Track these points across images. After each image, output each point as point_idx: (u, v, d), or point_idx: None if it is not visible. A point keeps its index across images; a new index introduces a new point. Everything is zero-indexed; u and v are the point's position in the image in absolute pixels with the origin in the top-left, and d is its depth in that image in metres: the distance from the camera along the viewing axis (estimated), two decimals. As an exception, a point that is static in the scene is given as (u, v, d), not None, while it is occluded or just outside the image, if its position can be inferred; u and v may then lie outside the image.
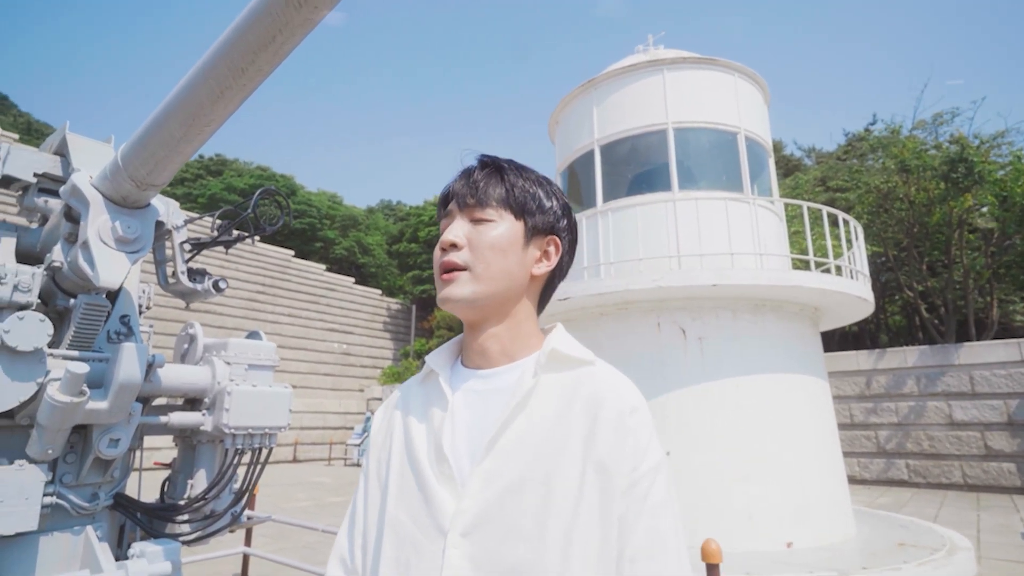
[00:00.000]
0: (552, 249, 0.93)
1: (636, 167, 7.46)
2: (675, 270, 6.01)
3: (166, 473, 2.88)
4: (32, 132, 38.56)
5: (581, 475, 0.76)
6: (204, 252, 2.96)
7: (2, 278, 2.02)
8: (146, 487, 2.85)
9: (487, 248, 0.86)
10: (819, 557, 5.28)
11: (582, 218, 7.06)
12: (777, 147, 24.62)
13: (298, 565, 4.73)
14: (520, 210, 0.89)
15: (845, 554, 5.48)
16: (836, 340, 16.40)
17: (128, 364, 2.03)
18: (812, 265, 6.35)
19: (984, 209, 14.09)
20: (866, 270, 6.85)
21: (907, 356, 12.48)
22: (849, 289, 6.16)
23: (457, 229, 0.88)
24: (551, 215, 0.92)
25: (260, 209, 2.87)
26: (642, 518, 0.76)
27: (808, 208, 6.97)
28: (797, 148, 26.44)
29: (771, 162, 7.76)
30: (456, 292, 0.86)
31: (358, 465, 18.09)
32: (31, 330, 1.89)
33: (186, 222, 2.85)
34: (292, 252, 29.81)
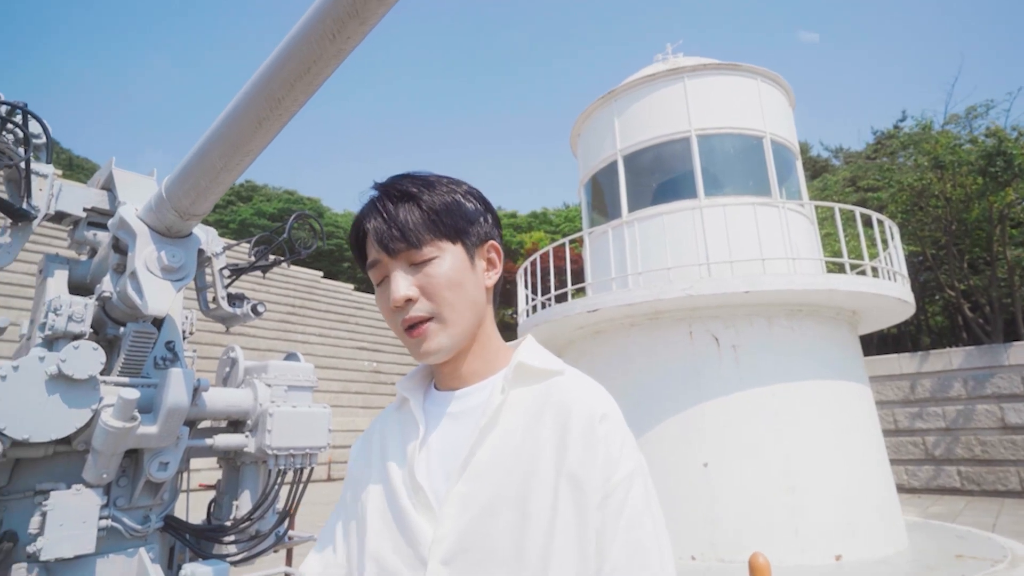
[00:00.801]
0: (494, 255, 0.89)
1: (660, 176, 7.42)
2: (705, 278, 5.93)
3: (210, 494, 2.94)
4: (73, 167, 40.30)
5: (554, 490, 0.73)
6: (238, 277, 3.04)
7: (57, 309, 2.11)
8: (192, 508, 2.91)
9: (444, 290, 0.81)
10: (872, 571, 5.08)
11: (607, 229, 7.04)
12: (803, 149, 24.22)
13: None
14: (454, 233, 0.84)
15: (900, 567, 5.26)
16: (875, 343, 15.91)
17: (176, 389, 2.10)
18: (847, 268, 6.19)
19: (1028, 202, 13.59)
20: (904, 270, 6.65)
21: (952, 358, 12.02)
22: (887, 291, 5.98)
23: (402, 282, 0.81)
24: (479, 221, 0.88)
25: (294, 233, 2.95)
26: (619, 530, 0.72)
27: (840, 210, 6.82)
28: (824, 149, 26.01)
29: (799, 165, 7.64)
30: (433, 346, 0.81)
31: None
32: (86, 359, 1.96)
33: (224, 249, 2.94)
34: (321, 273, 30.38)
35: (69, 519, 1.97)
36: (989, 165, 12.38)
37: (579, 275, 8.87)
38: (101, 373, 2.06)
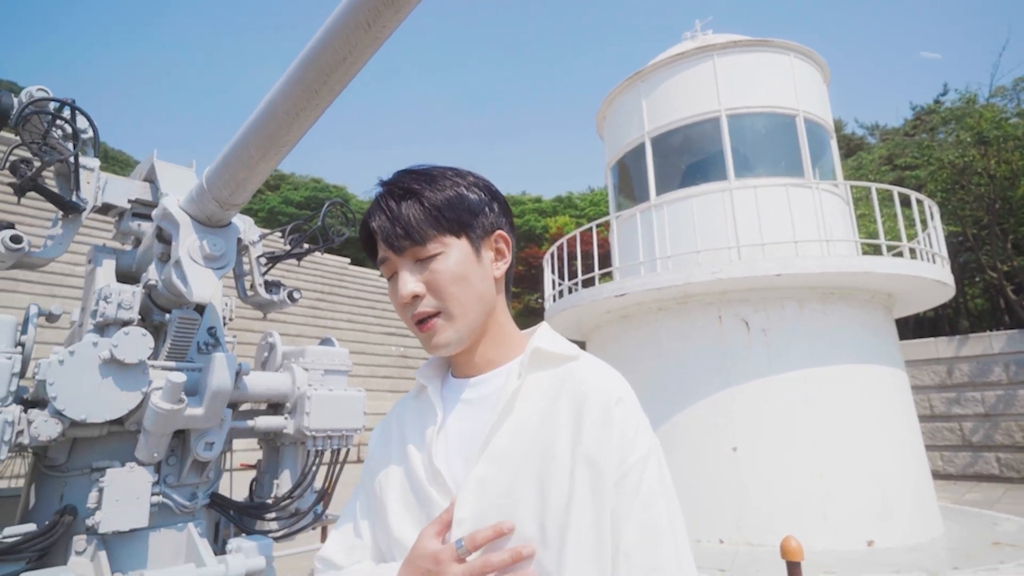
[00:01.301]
0: (502, 245, 0.90)
1: (689, 157, 7.29)
2: (735, 261, 5.84)
3: (251, 474, 3.06)
4: (108, 160, 41.44)
5: (571, 472, 0.75)
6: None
7: (107, 297, 2.21)
8: (234, 486, 3.03)
9: (449, 285, 0.83)
10: (905, 557, 5.02)
11: (635, 212, 6.97)
12: (837, 126, 23.42)
13: None
14: (458, 227, 0.85)
15: (934, 554, 5.19)
16: (911, 327, 15.47)
17: (220, 372, 2.18)
18: (883, 249, 6.02)
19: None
20: (944, 252, 6.44)
21: (993, 342, 11.63)
22: (925, 273, 5.81)
23: (408, 279, 0.84)
24: (484, 212, 0.88)
25: (327, 221, 3.01)
26: (634, 511, 0.73)
27: (876, 189, 6.62)
28: (859, 126, 25.13)
29: (833, 143, 7.42)
30: (442, 340, 0.84)
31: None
32: (136, 344, 2.05)
33: (261, 237, 3.03)
34: (348, 260, 30.81)
35: (124, 495, 2.08)
36: (1037, 140, 11.82)
37: (606, 259, 8.83)
38: (149, 358, 2.16)
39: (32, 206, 19.12)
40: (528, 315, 21.85)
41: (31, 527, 1.98)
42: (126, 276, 2.59)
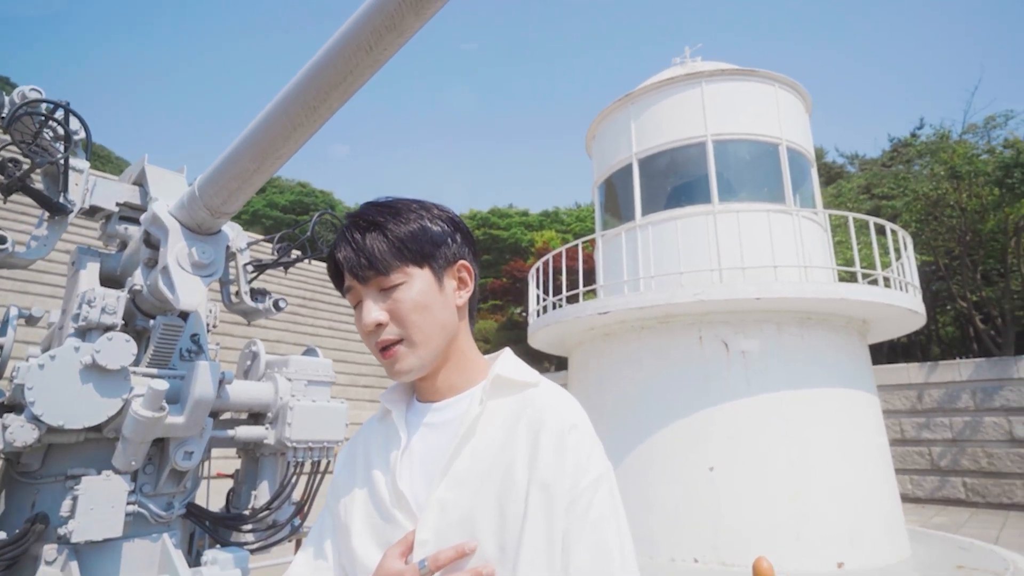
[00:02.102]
0: (464, 274, 0.93)
1: (675, 179, 7.43)
2: (717, 284, 5.95)
3: (226, 483, 3.02)
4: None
5: (526, 497, 0.77)
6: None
7: (91, 301, 2.19)
8: (210, 496, 2.99)
9: (412, 313, 0.85)
10: (873, 579, 5.10)
11: (621, 232, 7.07)
12: (818, 154, 24.05)
13: None
14: (420, 258, 0.88)
15: (901, 576, 5.29)
16: (884, 352, 15.81)
17: (202, 381, 2.17)
18: (859, 277, 6.19)
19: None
20: (916, 281, 6.63)
21: (962, 369, 11.95)
22: (898, 301, 5.98)
23: (372, 307, 0.86)
24: (447, 243, 0.91)
25: (316, 231, 3.02)
26: (584, 533, 0.76)
27: (853, 218, 6.81)
28: (839, 155, 25.78)
29: (814, 172, 7.63)
30: (404, 367, 0.86)
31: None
32: (118, 350, 2.03)
33: (248, 245, 3.02)
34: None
35: (99, 503, 2.04)
36: (1006, 176, 12.27)
37: (590, 275, 8.90)
38: (130, 364, 2.14)
39: (11, 204, 18.56)
40: (511, 328, 21.86)
41: (1, 535, 1.94)
42: (110, 280, 2.56)
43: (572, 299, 7.37)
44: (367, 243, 0.86)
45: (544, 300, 7.78)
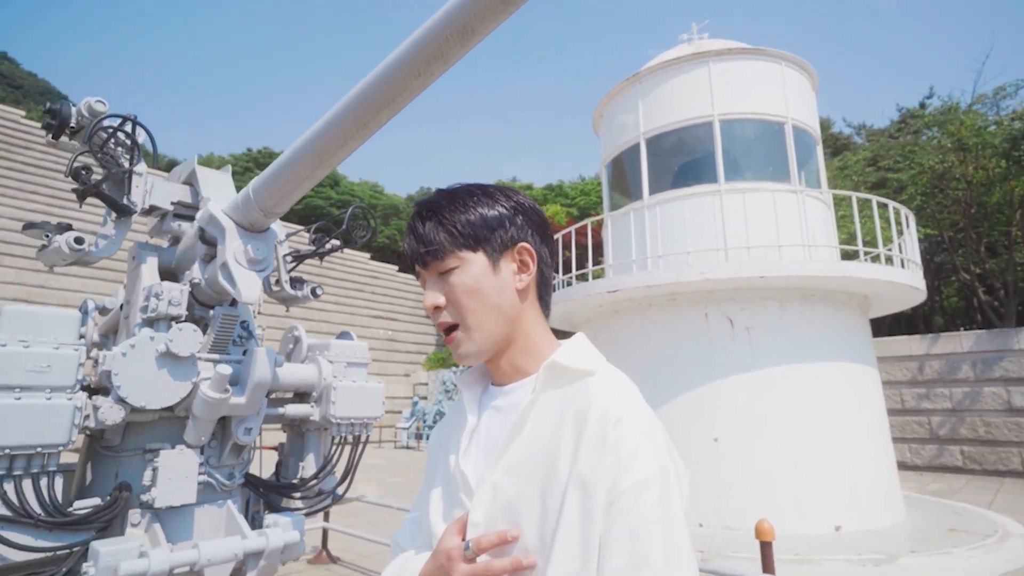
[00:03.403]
0: (526, 257, 0.92)
1: (681, 158, 7.56)
2: (723, 262, 6.15)
3: (270, 455, 3.30)
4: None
5: (564, 492, 0.76)
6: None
7: (159, 294, 2.42)
8: (257, 467, 3.28)
9: (463, 297, 0.88)
10: (868, 541, 5.42)
11: (629, 211, 7.24)
12: (825, 125, 23.83)
13: (368, 536, 5.33)
14: (473, 242, 0.89)
15: (894, 538, 5.61)
16: (888, 323, 16.02)
17: (261, 365, 2.41)
18: (861, 255, 6.37)
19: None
20: (917, 258, 6.81)
21: (962, 341, 12.17)
22: (899, 278, 6.17)
23: (431, 290, 0.91)
24: (504, 226, 0.91)
25: (351, 223, 3.23)
26: (623, 539, 0.71)
27: (852, 195, 6.97)
28: (846, 125, 25.56)
29: (819, 149, 7.73)
30: (463, 352, 0.89)
31: (408, 447, 18.81)
32: (188, 339, 2.27)
33: (287, 236, 3.23)
34: (338, 242, 30.76)
35: (175, 474, 2.31)
36: (1013, 149, 12.28)
37: (597, 249, 9.09)
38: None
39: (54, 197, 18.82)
40: (517, 303, 22.09)
41: (96, 501, 2.21)
42: (165, 272, 2.79)
43: (581, 277, 7.59)
44: (425, 230, 0.91)
45: (553, 278, 8.00)
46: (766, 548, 2.85)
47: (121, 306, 2.80)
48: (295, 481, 2.92)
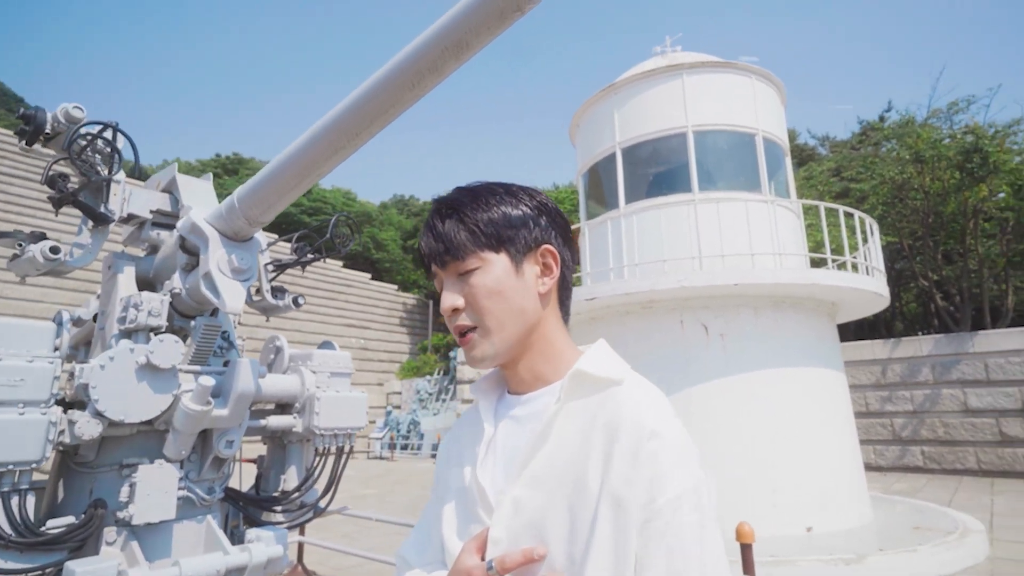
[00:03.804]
0: (549, 259, 0.89)
1: (656, 168, 7.71)
2: (697, 270, 6.28)
3: (249, 467, 3.23)
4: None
5: (596, 508, 0.72)
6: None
7: (138, 305, 2.36)
8: (234, 481, 3.20)
9: (484, 299, 0.84)
10: (838, 541, 5.57)
11: (605, 220, 7.33)
12: (791, 136, 24.54)
13: (344, 549, 5.26)
14: (496, 243, 0.85)
15: (863, 538, 5.78)
16: (852, 328, 16.54)
17: (245, 377, 2.37)
18: (829, 262, 6.58)
19: (1000, 196, 14.15)
20: (881, 266, 7.07)
21: (922, 345, 12.65)
22: (865, 285, 6.40)
23: (450, 292, 0.87)
24: (528, 227, 0.88)
25: (334, 232, 3.20)
26: (659, 558, 0.69)
27: (820, 204, 7.21)
28: (811, 137, 26.39)
29: (788, 160, 7.98)
30: (478, 354, 0.85)
31: (381, 458, 18.56)
32: (169, 350, 2.22)
33: (268, 245, 3.19)
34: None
35: (154, 489, 2.25)
36: (966, 161, 12.87)
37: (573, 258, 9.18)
38: (175, 362, 2.32)
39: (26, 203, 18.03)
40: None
41: (69, 519, 2.13)
42: (143, 282, 2.72)
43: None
44: (445, 228, 0.86)
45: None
46: (746, 550, 2.92)
47: (95, 317, 2.72)
48: (276, 494, 2.87)
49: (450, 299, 0.86)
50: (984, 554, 5.63)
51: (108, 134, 2.23)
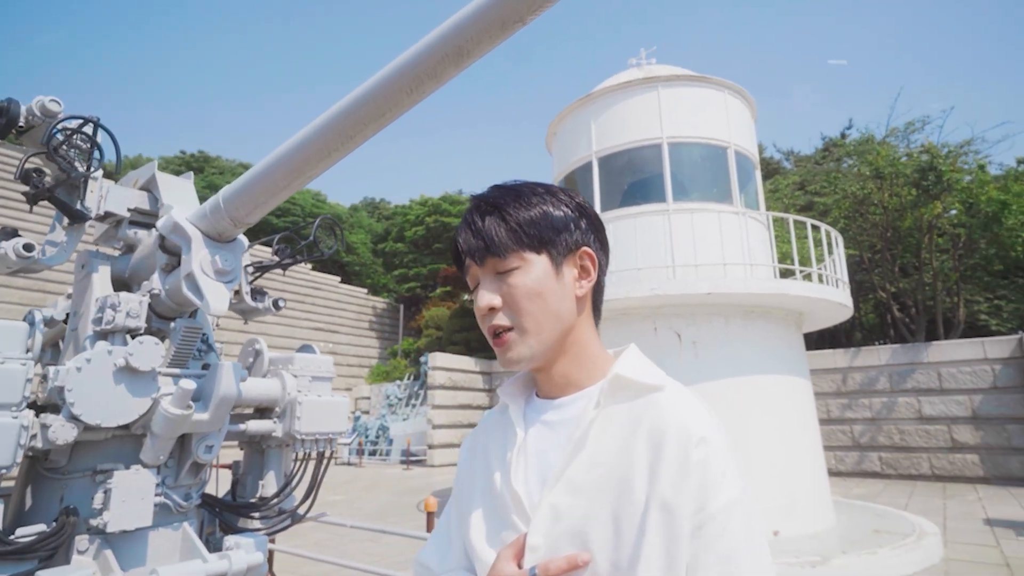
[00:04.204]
0: (587, 262, 0.88)
1: (631, 177, 7.85)
2: (671, 279, 6.41)
3: (223, 473, 3.16)
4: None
5: (644, 516, 0.72)
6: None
7: (115, 306, 2.29)
8: (208, 487, 3.12)
9: (524, 300, 0.83)
10: (804, 544, 5.74)
11: (582, 227, 7.43)
12: (758, 149, 25.20)
13: (315, 557, 5.17)
14: (538, 244, 0.85)
15: (827, 541, 5.96)
16: (814, 338, 17.07)
17: (227, 380, 2.32)
18: (797, 274, 6.81)
19: (952, 213, 14.86)
20: (846, 277, 7.34)
21: (880, 354, 13.14)
22: (832, 296, 6.64)
23: (487, 290, 0.85)
24: (569, 230, 0.87)
25: (317, 234, 3.17)
26: (712, 565, 0.69)
27: (791, 216, 7.46)
28: (776, 151, 27.18)
29: (757, 174, 8.22)
30: (514, 356, 0.84)
31: (349, 464, 18.26)
32: (149, 352, 2.16)
33: (248, 246, 3.13)
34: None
35: (130, 496, 2.18)
36: (922, 179, 13.48)
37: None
38: (153, 365, 2.26)
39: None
40: (463, 315, 22.06)
41: (41, 527, 2.05)
42: (117, 282, 2.63)
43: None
44: (486, 225, 0.85)
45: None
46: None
47: (66, 318, 2.63)
48: (254, 500, 2.81)
49: (487, 297, 0.85)
50: (939, 555, 5.87)
51: (89, 129, 2.16)
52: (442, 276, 28.66)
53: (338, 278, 31.57)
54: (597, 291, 0.92)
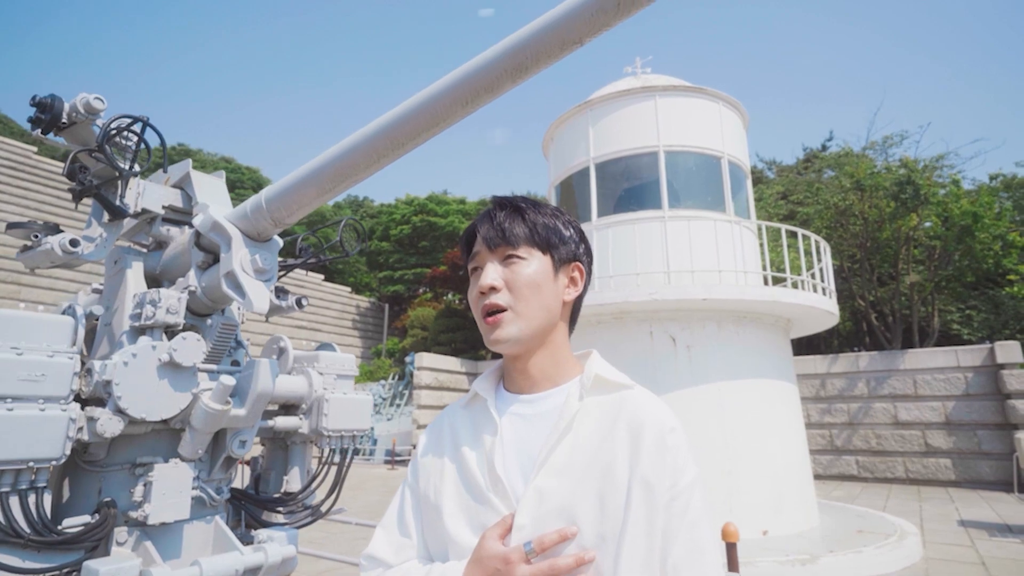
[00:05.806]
0: (577, 275, 1.02)
1: (627, 184, 8.00)
2: (667, 284, 6.57)
3: (242, 468, 3.18)
4: None
5: (627, 491, 0.84)
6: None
7: (155, 302, 2.33)
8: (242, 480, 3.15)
9: (524, 286, 0.94)
10: (792, 544, 5.93)
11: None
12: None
13: (311, 552, 5.22)
14: (545, 245, 0.97)
15: (813, 540, 6.16)
16: (794, 344, 17.49)
17: (264, 376, 2.38)
18: (788, 281, 7.02)
19: (928, 225, 15.37)
20: (832, 286, 7.59)
21: (858, 360, 13.52)
22: (820, 304, 6.86)
23: (492, 272, 0.96)
24: (571, 244, 1.01)
25: (343, 235, 3.23)
26: (682, 530, 0.83)
27: (777, 225, 7.69)
28: (759, 160, 27.74)
29: (748, 183, 8.45)
30: (504, 333, 0.93)
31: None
32: (192, 348, 2.21)
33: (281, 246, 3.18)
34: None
35: (169, 489, 2.23)
36: (900, 191, 13.93)
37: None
38: (190, 361, 2.30)
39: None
40: (449, 316, 22.06)
41: (86, 518, 2.08)
42: (148, 278, 2.67)
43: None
44: (505, 219, 0.98)
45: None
46: (731, 549, 3.12)
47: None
48: (278, 495, 2.85)
49: (491, 277, 0.95)
50: (919, 555, 6.11)
51: (138, 128, 2.20)
52: (428, 278, 28.60)
53: (321, 276, 31.31)
54: (577, 304, 1.05)
